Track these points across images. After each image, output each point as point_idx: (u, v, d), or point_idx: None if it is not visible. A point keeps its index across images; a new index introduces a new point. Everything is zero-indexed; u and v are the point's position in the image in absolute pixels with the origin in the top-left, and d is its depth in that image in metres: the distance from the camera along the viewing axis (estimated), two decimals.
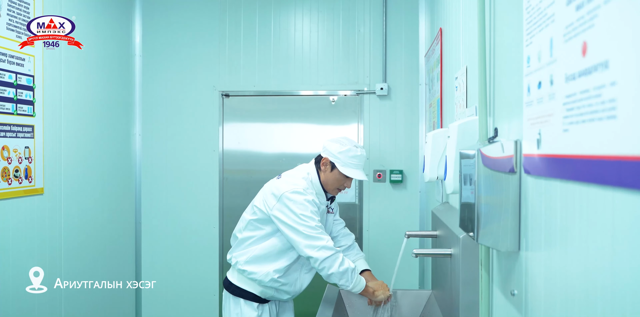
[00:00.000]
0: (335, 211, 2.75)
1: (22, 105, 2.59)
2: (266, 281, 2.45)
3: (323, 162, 2.54)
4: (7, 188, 2.47)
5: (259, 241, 2.51)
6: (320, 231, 2.38)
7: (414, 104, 3.87)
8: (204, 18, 4.01)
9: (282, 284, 2.49)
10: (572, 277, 0.90)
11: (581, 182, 0.84)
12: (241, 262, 2.51)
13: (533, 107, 1.08)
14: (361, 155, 2.52)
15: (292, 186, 2.46)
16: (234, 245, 2.60)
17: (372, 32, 3.92)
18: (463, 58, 2.09)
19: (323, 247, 2.33)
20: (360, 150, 2.53)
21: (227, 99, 3.99)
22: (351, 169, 2.50)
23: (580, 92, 0.82)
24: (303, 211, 2.38)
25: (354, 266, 2.40)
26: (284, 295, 2.55)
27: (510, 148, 1.20)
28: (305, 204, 2.40)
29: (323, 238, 2.36)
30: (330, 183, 2.55)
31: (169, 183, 4.02)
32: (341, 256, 2.36)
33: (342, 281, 2.35)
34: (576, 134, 0.84)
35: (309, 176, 2.54)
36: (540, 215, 1.08)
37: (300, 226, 2.36)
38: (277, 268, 2.46)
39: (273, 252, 2.48)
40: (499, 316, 1.39)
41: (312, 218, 2.38)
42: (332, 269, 2.32)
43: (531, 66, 1.10)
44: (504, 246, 1.20)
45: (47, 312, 2.83)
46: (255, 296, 2.51)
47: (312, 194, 2.47)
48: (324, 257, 2.32)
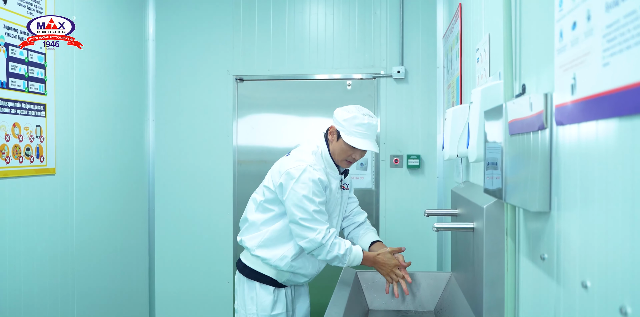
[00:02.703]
0: (350, 188, 2.64)
1: (34, 83, 2.55)
2: (281, 266, 2.39)
3: (330, 130, 2.43)
4: (18, 166, 2.43)
5: (270, 223, 2.43)
6: (315, 217, 2.29)
7: (431, 88, 3.79)
8: (218, 1, 3.95)
9: (298, 268, 2.42)
10: (614, 236, 0.82)
11: (626, 116, 0.77)
12: (253, 247, 2.43)
13: (566, 52, 1.01)
14: (368, 124, 2.35)
15: (297, 162, 2.36)
16: (244, 228, 2.52)
17: (389, 14, 3.83)
18: (485, 27, 2.02)
19: (311, 241, 2.29)
20: (368, 118, 2.36)
21: (241, 83, 3.94)
22: (356, 138, 2.35)
23: (624, 16, 0.75)
24: (304, 190, 2.28)
25: (344, 251, 2.32)
26: (301, 278, 2.48)
27: (540, 103, 1.13)
28: (307, 184, 2.29)
29: (315, 229, 2.28)
30: (337, 154, 2.41)
31: (182, 168, 3.98)
32: (329, 245, 2.30)
33: (333, 263, 2.37)
34: (618, 64, 0.77)
35: (319, 148, 2.43)
36: (575, 170, 1.00)
37: (298, 209, 2.28)
38: (291, 250, 2.39)
39: (285, 234, 2.40)
40: (526, 285, 1.31)
41: (311, 200, 2.28)
42: (320, 257, 2.34)
43: (564, 9, 1.03)
44: (533, 205, 1.13)
45: (60, 292, 2.80)
46: (272, 279, 2.45)
47: (320, 171, 2.35)
48: (312, 249, 2.31)
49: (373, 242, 2.57)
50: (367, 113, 2.40)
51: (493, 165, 1.28)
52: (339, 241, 2.34)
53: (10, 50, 2.39)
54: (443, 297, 2.43)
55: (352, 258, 2.35)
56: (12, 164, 2.40)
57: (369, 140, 2.38)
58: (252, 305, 2.46)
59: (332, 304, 2.09)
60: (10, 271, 2.41)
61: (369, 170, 3.83)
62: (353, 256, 2.35)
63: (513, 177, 1.19)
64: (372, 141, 2.39)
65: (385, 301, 2.50)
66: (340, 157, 2.42)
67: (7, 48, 2.38)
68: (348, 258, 2.34)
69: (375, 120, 2.41)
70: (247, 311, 2.48)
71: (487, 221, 1.57)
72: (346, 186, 2.57)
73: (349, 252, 2.34)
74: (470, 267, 1.86)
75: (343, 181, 2.53)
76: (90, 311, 3.08)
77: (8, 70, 2.38)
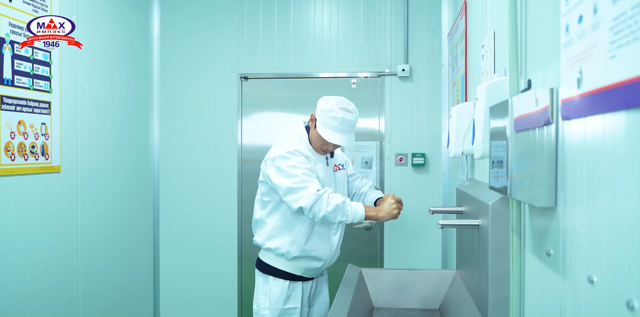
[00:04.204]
0: (346, 167, 2.68)
1: (39, 81, 2.55)
2: (293, 251, 2.40)
3: (311, 118, 2.51)
4: (24, 163, 2.44)
5: (272, 213, 2.48)
6: (304, 178, 2.30)
7: (436, 86, 3.78)
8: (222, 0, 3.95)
9: (311, 250, 2.43)
10: (621, 230, 0.81)
11: (633, 108, 0.76)
12: (264, 241, 2.49)
13: (572, 46, 1.00)
14: (342, 119, 2.38)
15: (277, 146, 2.45)
16: (255, 229, 2.59)
17: (394, 12, 3.83)
18: (490, 24, 2.01)
19: (307, 196, 2.26)
20: (344, 113, 2.38)
21: (245, 81, 3.94)
22: (327, 130, 2.39)
23: (632, 7, 0.75)
24: (287, 162, 2.33)
25: (343, 199, 2.31)
26: (317, 262, 2.48)
27: (546, 98, 1.12)
28: (287, 156, 2.35)
29: (306, 186, 2.28)
30: (314, 141, 2.49)
31: (187, 166, 3.98)
32: (326, 196, 2.28)
33: (337, 218, 2.30)
34: (625, 56, 0.77)
35: (298, 134, 2.51)
36: (581, 165, 0.99)
37: (287, 177, 2.31)
38: (300, 234, 2.42)
39: (289, 219, 2.44)
40: (532, 281, 1.30)
41: (296, 167, 2.31)
42: (321, 212, 2.27)
43: (570, 3, 1.03)
44: (539, 201, 1.12)
45: (65, 289, 2.81)
46: (286, 273, 2.46)
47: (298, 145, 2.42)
48: (310, 205, 2.26)
49: (377, 199, 2.61)
50: (345, 107, 2.41)
51: (499, 163, 1.28)
52: (334, 194, 2.34)
53: (15, 48, 2.40)
54: (448, 295, 2.42)
55: (354, 209, 2.32)
56: (17, 161, 2.40)
57: (341, 134, 2.39)
58: (266, 299, 2.48)
59: (337, 301, 2.09)
60: (15, 269, 2.41)
61: (374, 168, 3.82)
62: (354, 206, 2.33)
63: (519, 173, 1.18)
64: (344, 135, 2.40)
65: (389, 298, 2.50)
66: (315, 144, 2.49)
67: (13, 46, 2.38)
68: (349, 208, 2.31)
69: (353, 116, 2.42)
70: (259, 305, 2.50)
71: (492, 217, 1.57)
72: (341, 167, 2.62)
73: (349, 201, 2.33)
74: (476, 264, 1.86)
75: (330, 159, 2.57)
76: (95, 309, 3.09)
77: (13, 67, 2.39)
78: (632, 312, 0.74)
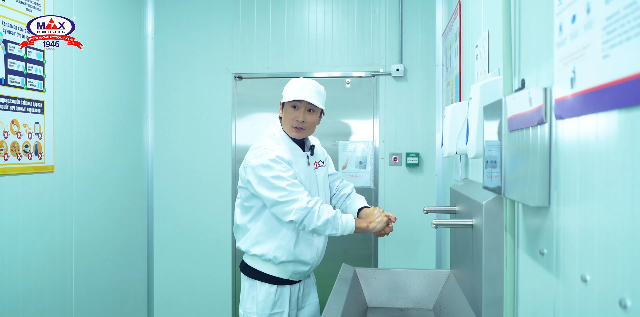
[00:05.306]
0: (327, 164, 2.64)
1: (32, 80, 2.54)
2: (280, 256, 2.37)
3: (279, 108, 2.49)
4: (17, 163, 2.43)
5: (255, 219, 2.43)
6: (292, 190, 2.27)
7: (430, 86, 3.78)
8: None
9: (299, 255, 2.41)
10: (614, 229, 0.81)
11: (626, 107, 0.76)
12: (249, 248, 2.43)
13: (566, 46, 1.01)
14: (300, 82, 2.42)
15: (253, 152, 2.38)
16: (237, 234, 2.53)
17: (388, 12, 3.83)
18: (484, 24, 2.01)
19: (297, 210, 2.24)
20: (301, 79, 2.45)
21: (239, 81, 3.93)
22: (288, 95, 2.41)
23: (624, 7, 0.75)
24: (270, 172, 2.28)
25: (334, 213, 2.30)
26: (304, 266, 2.45)
27: (539, 97, 1.12)
28: (269, 165, 2.29)
29: (295, 199, 2.26)
30: (284, 124, 2.45)
31: (181, 166, 3.98)
32: (317, 209, 2.27)
33: (327, 231, 2.30)
34: (618, 56, 0.77)
35: (273, 132, 2.46)
36: (574, 164, 1.00)
37: (273, 190, 2.27)
38: (284, 239, 2.38)
39: (273, 224, 2.39)
40: (526, 280, 1.31)
41: (281, 178, 2.27)
42: (312, 225, 2.27)
43: (563, 2, 1.03)
44: (532, 200, 1.12)
45: (58, 290, 2.80)
46: (273, 277, 2.44)
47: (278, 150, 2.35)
48: (301, 219, 2.25)
49: (361, 208, 2.57)
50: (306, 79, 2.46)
51: (492, 163, 1.28)
52: (325, 206, 2.33)
53: (8, 47, 2.39)
54: (442, 294, 2.43)
55: (345, 222, 2.32)
56: (11, 161, 2.39)
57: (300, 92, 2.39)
58: (253, 304, 2.44)
59: (331, 301, 2.09)
60: (8, 269, 2.40)
61: (368, 168, 3.83)
62: (345, 219, 2.33)
63: (512, 172, 1.19)
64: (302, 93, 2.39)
65: (384, 298, 2.50)
66: (287, 126, 2.44)
67: (6, 45, 2.37)
68: (340, 221, 2.31)
69: (309, 81, 2.43)
70: (246, 310, 2.46)
71: (486, 217, 1.57)
72: (322, 163, 2.57)
73: (339, 215, 2.32)
74: (470, 263, 1.86)
75: (310, 157, 2.51)
76: (88, 309, 3.08)
77: (7, 67, 2.37)
78: (624, 311, 0.74)
